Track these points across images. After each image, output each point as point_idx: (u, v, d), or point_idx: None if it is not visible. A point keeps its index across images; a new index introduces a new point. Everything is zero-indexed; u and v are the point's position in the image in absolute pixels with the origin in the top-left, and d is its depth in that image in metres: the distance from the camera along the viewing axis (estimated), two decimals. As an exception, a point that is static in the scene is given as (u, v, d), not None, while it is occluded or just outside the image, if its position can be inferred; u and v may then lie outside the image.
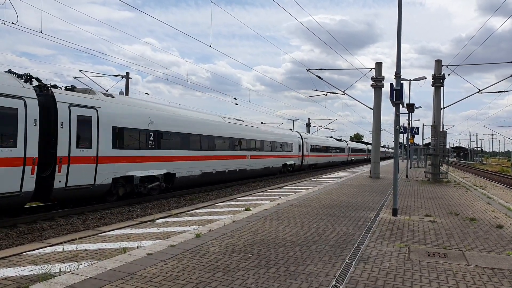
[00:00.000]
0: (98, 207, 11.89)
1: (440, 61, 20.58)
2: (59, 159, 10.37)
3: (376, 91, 21.83)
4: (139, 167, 13.21)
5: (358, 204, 10.87)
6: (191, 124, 16.54)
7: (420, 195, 13.61)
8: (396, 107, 9.71)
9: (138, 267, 4.83)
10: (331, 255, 5.59)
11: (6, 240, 8.27)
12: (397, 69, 9.64)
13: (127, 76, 24.20)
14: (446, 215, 9.39)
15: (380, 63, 21.73)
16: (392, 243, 6.44)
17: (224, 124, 19.71)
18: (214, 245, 5.99)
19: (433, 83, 20.74)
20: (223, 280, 4.46)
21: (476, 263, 5.41)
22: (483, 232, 7.49)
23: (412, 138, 30.18)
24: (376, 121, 22.18)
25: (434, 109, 20.70)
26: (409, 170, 26.03)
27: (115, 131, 12.21)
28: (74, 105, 10.90)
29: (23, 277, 4.43)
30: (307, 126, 51.24)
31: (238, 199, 12.04)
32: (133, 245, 5.94)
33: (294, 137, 30.38)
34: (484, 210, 10.49)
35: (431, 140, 20.80)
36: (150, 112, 14.10)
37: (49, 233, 9.00)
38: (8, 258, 5.18)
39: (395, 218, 8.87)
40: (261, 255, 5.50)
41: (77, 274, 4.50)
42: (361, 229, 7.52)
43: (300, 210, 9.63)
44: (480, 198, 13.29)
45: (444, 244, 6.49)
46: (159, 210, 12.25)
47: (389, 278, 4.68)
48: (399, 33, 9.66)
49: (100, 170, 11.58)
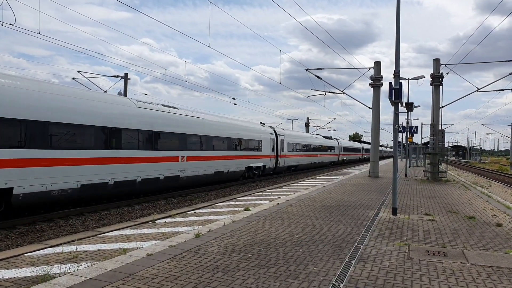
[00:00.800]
0: (97, 207, 11.88)
1: (439, 60, 20.62)
2: (279, 155, 24.86)
3: (375, 91, 21.85)
4: (293, 160, 26.22)
5: (357, 203, 10.87)
6: (301, 139, 17.73)
7: (419, 194, 13.63)
8: (395, 106, 9.72)
9: (138, 268, 4.82)
10: (331, 255, 5.59)
11: (5, 242, 8.25)
12: (396, 68, 9.65)
13: (125, 77, 24.18)
14: (445, 214, 9.40)
15: (379, 63, 21.75)
16: (392, 242, 6.44)
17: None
18: (214, 245, 5.99)
19: (432, 82, 20.77)
20: (223, 280, 4.45)
21: (476, 261, 5.42)
22: (483, 231, 7.50)
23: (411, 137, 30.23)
24: (375, 120, 22.21)
25: (433, 108, 20.73)
26: (408, 169, 26.05)
27: (288, 144, 25.53)
28: (280, 135, 26.60)
29: (22, 278, 4.42)
30: (306, 126, 51.20)
31: (238, 199, 12.04)
32: (133, 245, 5.93)
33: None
34: (483, 208, 10.51)
35: (430, 139, 20.84)
36: (295, 135, 24.31)
37: (49, 234, 8.99)
38: (8, 260, 5.17)
39: (395, 217, 8.88)
40: (261, 255, 5.50)
41: (77, 275, 4.49)
42: (361, 228, 7.53)
43: (299, 209, 9.63)
44: (479, 197, 13.31)
45: (444, 242, 6.50)
46: (159, 210, 12.24)
47: (389, 277, 4.68)
48: (397, 32, 9.67)
49: (286, 160, 25.86)
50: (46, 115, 10.09)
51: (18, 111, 9.39)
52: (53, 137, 10.28)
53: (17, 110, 9.36)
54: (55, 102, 10.47)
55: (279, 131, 27.66)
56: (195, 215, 8.99)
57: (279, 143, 26.66)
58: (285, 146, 27.90)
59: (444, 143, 21.61)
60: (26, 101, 9.63)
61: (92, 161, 11.43)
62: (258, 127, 24.53)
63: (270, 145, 25.10)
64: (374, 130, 22.44)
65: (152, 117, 14.12)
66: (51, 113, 10.23)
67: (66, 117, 10.64)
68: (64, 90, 11.10)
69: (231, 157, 19.78)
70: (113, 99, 13.22)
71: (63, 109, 10.62)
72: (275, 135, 26.37)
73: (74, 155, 10.85)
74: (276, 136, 26.45)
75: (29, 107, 9.68)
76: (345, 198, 12.10)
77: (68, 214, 10.88)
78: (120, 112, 12.75)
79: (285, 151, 27.70)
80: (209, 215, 8.92)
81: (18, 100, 9.46)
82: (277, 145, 26.37)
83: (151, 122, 13.96)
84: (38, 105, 9.94)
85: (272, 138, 25.54)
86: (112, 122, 12.26)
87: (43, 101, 10.12)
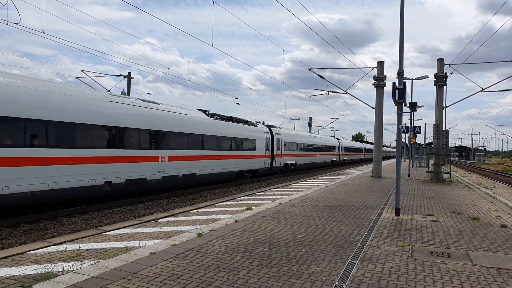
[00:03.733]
0: (101, 206, 11.91)
1: (443, 60, 20.51)
2: (275, 155, 23.54)
3: (378, 90, 21.78)
4: (290, 159, 25.00)
5: (360, 204, 10.84)
6: (300, 138, 17.00)
7: (423, 195, 13.57)
8: (399, 106, 9.68)
9: (141, 267, 4.82)
10: (334, 255, 5.57)
11: (9, 240, 8.29)
12: (400, 68, 9.60)
13: (128, 76, 24.23)
14: (449, 215, 9.35)
15: (382, 62, 21.69)
16: (395, 243, 6.41)
17: (309, 136, 15.93)
18: (217, 245, 5.98)
19: (436, 82, 20.66)
20: (225, 279, 4.45)
21: (480, 262, 5.38)
22: (487, 232, 7.45)
23: (414, 137, 30.12)
24: (378, 120, 22.14)
25: (437, 108, 20.63)
26: (411, 169, 25.95)
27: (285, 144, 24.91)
28: (276, 133, 24.61)
29: (26, 276, 4.43)
30: (309, 126, 51.12)
31: (240, 199, 12.03)
32: (136, 244, 5.94)
33: (335, 142, 27.53)
34: (487, 209, 10.45)
35: (434, 139, 20.73)
36: (292, 134, 24.85)
37: (52, 232, 9.02)
38: (12, 258, 5.19)
39: (398, 217, 8.84)
40: (264, 255, 5.49)
41: (80, 274, 4.50)
42: (364, 228, 7.50)
43: (302, 209, 9.61)
44: (483, 198, 13.24)
45: (448, 243, 6.46)
46: (161, 209, 12.25)
47: (392, 278, 4.66)
48: (401, 31, 9.62)
49: (282, 160, 25.00)
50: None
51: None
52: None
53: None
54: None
55: (275, 130, 26.20)
56: (198, 214, 8.99)
57: (275, 142, 25.26)
58: (282, 145, 26.44)
59: (448, 144, 21.51)
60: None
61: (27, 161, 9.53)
62: (251, 127, 22.80)
63: (265, 144, 23.72)
64: (377, 130, 22.36)
65: (121, 110, 12.60)
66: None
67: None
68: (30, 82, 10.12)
69: (223, 157, 18.72)
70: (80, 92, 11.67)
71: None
72: (270, 133, 25.06)
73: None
74: (272, 135, 25.12)
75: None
76: (347, 198, 12.06)
77: (71, 213, 10.92)
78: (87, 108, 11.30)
79: (281, 151, 26.27)
80: (212, 214, 8.92)
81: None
82: (273, 145, 25.06)
83: (125, 116, 12.57)
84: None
85: (266, 137, 24.12)
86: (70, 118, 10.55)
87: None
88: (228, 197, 13.21)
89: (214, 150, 18.03)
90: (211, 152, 17.68)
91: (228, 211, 9.38)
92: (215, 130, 18.28)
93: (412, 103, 17.67)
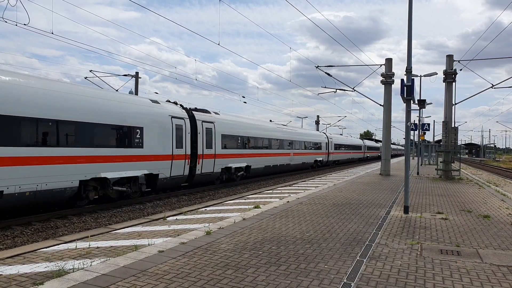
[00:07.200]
0: (110, 205, 12.04)
1: (452, 56, 20.27)
2: (200, 155, 15.96)
3: (386, 88, 21.62)
4: (234, 161, 19.06)
5: (368, 202, 10.78)
6: (257, 130, 21.67)
7: (432, 192, 13.45)
8: (407, 103, 9.60)
9: (150, 264, 4.87)
10: (342, 253, 5.56)
11: (21, 238, 8.42)
12: (408, 65, 9.52)
13: (136, 76, 24.38)
14: (458, 213, 9.26)
15: (390, 59, 21.51)
16: (404, 241, 6.37)
17: (274, 128, 24.67)
18: (225, 243, 6.01)
19: (445, 79, 20.42)
20: (234, 277, 4.47)
21: (491, 261, 5.32)
22: (498, 230, 7.36)
23: (423, 135, 29.81)
24: (386, 117, 21.97)
25: (446, 105, 20.39)
26: (420, 167, 25.71)
27: (223, 137, 17.93)
28: (204, 121, 16.44)
29: (38, 273, 4.51)
30: (316, 124, 50.92)
31: (248, 197, 12.05)
32: (145, 242, 6.00)
33: (322, 137, 33.99)
34: (498, 207, 10.32)
35: (443, 136, 20.51)
36: (238, 123, 19.92)
37: (63, 230, 9.14)
38: (23, 255, 5.28)
39: (407, 215, 8.78)
40: (272, 252, 5.50)
41: (90, 271, 4.56)
42: (372, 226, 7.46)
43: (309, 207, 9.60)
44: (494, 195, 13.07)
45: (457, 241, 6.40)
46: (170, 208, 12.33)
47: (401, 276, 4.63)
48: (409, 28, 9.53)
49: (216, 162, 17.38)
50: (259, 134, 21.67)
51: (258, 134, 21.92)
52: (258, 144, 21.08)
53: (257, 133, 21.77)
54: (259, 130, 21.98)
55: (328, 135, 28.14)
56: (206, 212, 9.03)
57: (329, 144, 25.20)
58: (332, 146, 25.57)
59: (457, 141, 21.26)
60: (258, 130, 22.16)
61: (267, 155, 22.19)
62: (319, 134, 32.08)
63: (325, 145, 28.70)
64: (385, 128, 22.20)
65: (279, 131, 26.31)
66: (259, 132, 21.89)
67: (261, 134, 22.07)
68: (256, 122, 22.30)
69: (309, 154, 30.48)
70: (266, 123, 25.46)
71: (258, 131, 21.82)
72: (327, 138, 25.77)
73: (264, 152, 22.58)
74: (328, 139, 25.63)
75: (257, 132, 21.70)
76: (356, 196, 12.01)
77: (81, 211, 11.05)
78: (268, 130, 25.13)
79: (332, 149, 25.62)
80: (220, 212, 8.96)
81: (258, 129, 21.71)
82: (328, 145, 28.76)
83: (280, 134, 26.23)
84: (258, 131, 21.67)
85: (326, 141, 26.60)
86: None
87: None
88: (236, 196, 13.24)
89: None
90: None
91: (236, 209, 9.41)
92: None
93: (421, 100, 17.52)
